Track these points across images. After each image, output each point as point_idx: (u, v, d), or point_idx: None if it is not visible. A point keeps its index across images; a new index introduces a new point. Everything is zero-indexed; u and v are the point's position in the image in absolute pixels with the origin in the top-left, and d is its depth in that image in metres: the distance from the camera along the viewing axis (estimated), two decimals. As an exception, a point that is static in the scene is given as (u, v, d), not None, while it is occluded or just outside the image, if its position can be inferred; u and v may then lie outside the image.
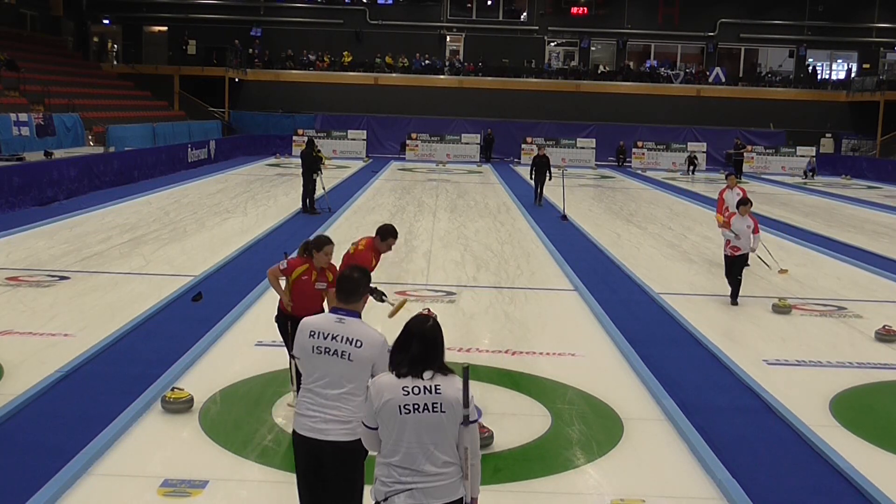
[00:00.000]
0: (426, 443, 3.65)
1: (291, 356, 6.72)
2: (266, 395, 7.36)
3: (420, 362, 3.69)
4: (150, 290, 11.04)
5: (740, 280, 11.39)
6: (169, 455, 6.23)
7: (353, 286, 4.38)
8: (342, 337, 4.25)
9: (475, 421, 3.69)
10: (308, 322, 4.39)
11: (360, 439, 3.99)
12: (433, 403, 3.64)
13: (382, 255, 7.64)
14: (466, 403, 3.66)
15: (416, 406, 3.64)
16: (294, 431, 4.40)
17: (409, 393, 3.65)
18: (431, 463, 3.65)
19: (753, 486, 5.84)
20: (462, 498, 3.71)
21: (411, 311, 9.81)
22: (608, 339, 9.58)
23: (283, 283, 6.85)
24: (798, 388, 8.09)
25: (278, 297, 7.03)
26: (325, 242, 6.83)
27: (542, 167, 21.93)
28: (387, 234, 7.43)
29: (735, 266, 11.34)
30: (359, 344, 4.23)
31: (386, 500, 3.69)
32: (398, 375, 3.70)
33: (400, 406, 3.64)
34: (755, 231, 11.35)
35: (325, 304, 6.74)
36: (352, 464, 4.29)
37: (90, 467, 5.88)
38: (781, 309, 11.01)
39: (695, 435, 6.67)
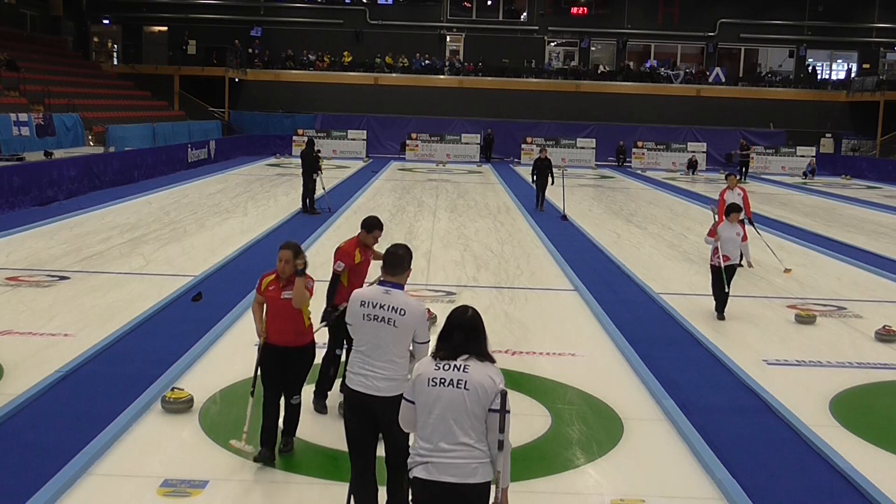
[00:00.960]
0: (448, 418, 3.88)
1: (252, 393, 6.16)
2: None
3: (461, 349, 3.98)
4: (150, 290, 11.04)
5: (728, 293, 10.52)
6: (169, 455, 6.23)
7: (397, 261, 4.99)
8: (389, 306, 4.86)
9: (505, 412, 3.86)
10: (359, 293, 5.05)
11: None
12: (458, 380, 3.89)
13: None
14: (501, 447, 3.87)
15: (442, 380, 3.91)
16: (346, 386, 4.99)
17: (438, 368, 3.96)
18: (447, 440, 3.87)
19: (753, 486, 5.84)
20: (483, 483, 3.87)
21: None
22: (608, 339, 9.58)
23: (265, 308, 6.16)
24: (798, 388, 8.09)
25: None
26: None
27: (543, 170, 20.93)
28: (371, 227, 7.10)
29: (727, 276, 10.45)
30: (403, 312, 4.84)
31: (410, 470, 3.98)
32: (434, 357, 4.02)
33: (429, 378, 3.95)
34: (744, 239, 10.65)
35: (304, 319, 6.10)
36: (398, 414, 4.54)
37: (90, 467, 5.88)
38: (805, 319, 10.53)
39: (695, 435, 6.67)
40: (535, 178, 21.12)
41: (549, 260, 14.53)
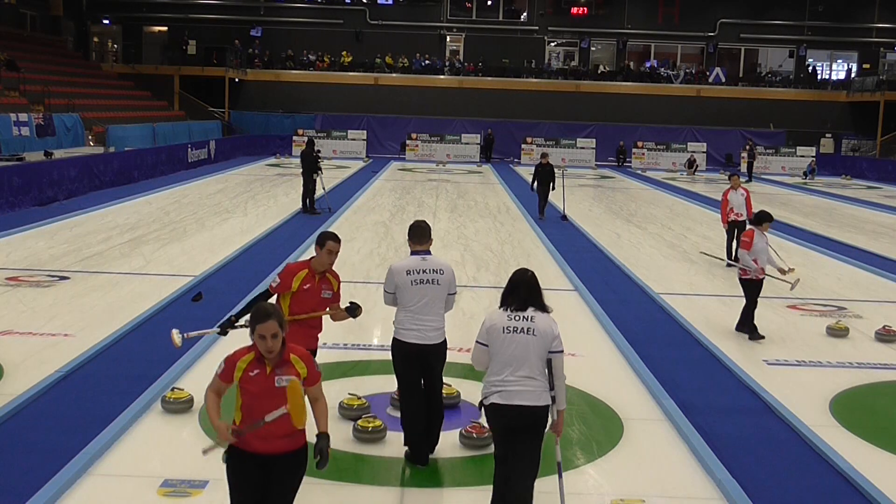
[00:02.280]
0: (518, 357, 4.91)
1: None
2: (266, 395, 7.35)
3: (527, 301, 5.02)
4: (150, 290, 11.04)
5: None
6: (169, 455, 6.22)
7: (422, 232, 6.20)
8: (429, 269, 6.03)
9: (559, 352, 4.98)
10: (400, 265, 6.08)
11: (445, 340, 6.14)
12: (527, 328, 4.95)
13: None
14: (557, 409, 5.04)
15: (515, 328, 4.96)
16: (400, 340, 6.04)
17: (511, 319, 5.00)
18: (517, 373, 4.91)
19: (753, 486, 5.84)
20: (545, 405, 4.93)
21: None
22: (608, 339, 9.58)
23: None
24: (798, 388, 8.09)
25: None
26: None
27: (545, 177, 19.32)
28: (321, 241, 6.01)
29: (758, 291, 9.76)
30: (441, 271, 6.07)
31: (485, 398, 5.01)
32: (506, 309, 5.04)
33: (503, 327, 4.98)
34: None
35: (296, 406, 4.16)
36: (444, 357, 6.23)
37: (90, 467, 5.88)
38: (838, 332, 10.01)
39: (695, 435, 6.66)
40: (535, 184, 19.58)
41: (549, 260, 14.53)
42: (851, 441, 6.84)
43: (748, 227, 10.09)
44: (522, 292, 5.02)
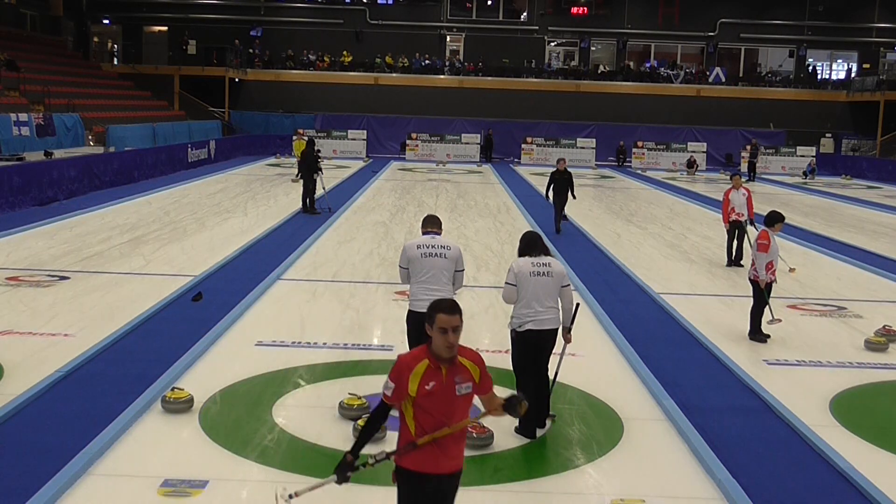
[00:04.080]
0: (542, 293, 6.58)
1: None
2: (266, 395, 7.36)
3: (541, 251, 6.74)
4: (150, 290, 11.03)
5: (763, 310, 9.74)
6: (169, 455, 6.22)
7: (436, 220, 7.32)
8: (438, 245, 7.03)
9: (568, 285, 6.75)
10: (412, 242, 7.14)
11: None
12: (547, 271, 6.63)
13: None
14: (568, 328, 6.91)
15: (538, 272, 6.62)
16: (414, 311, 6.87)
17: (535, 265, 6.64)
18: (543, 305, 6.58)
19: (753, 486, 5.84)
20: (559, 326, 6.73)
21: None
22: (608, 339, 9.58)
23: None
24: (798, 388, 8.09)
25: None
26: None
27: (562, 185, 17.11)
28: (431, 313, 4.11)
29: (769, 293, 9.68)
30: (448, 248, 7.05)
31: (519, 326, 6.62)
32: (529, 256, 6.68)
33: (530, 271, 6.62)
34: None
35: None
36: None
37: (90, 467, 5.87)
38: (877, 346, 9.52)
39: (695, 435, 6.67)
40: (549, 193, 17.36)
41: (549, 260, 14.49)
42: (851, 441, 6.83)
43: (761, 228, 9.89)
44: (539, 245, 6.74)
